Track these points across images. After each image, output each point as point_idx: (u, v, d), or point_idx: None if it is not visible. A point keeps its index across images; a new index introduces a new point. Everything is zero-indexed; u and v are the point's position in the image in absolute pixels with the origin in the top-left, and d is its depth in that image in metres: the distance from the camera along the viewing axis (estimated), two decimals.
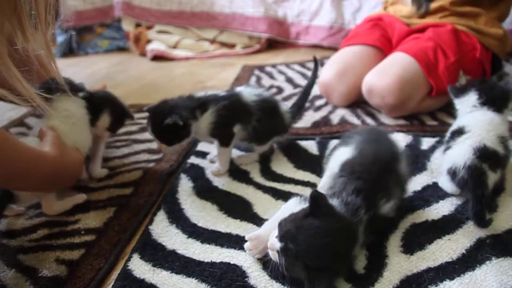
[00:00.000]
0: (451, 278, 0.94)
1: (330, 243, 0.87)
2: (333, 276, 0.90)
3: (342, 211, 0.95)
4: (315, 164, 1.42)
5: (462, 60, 1.76)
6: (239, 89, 1.47)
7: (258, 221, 1.17)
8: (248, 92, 1.45)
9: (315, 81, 1.68)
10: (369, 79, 1.77)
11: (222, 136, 1.41)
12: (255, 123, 1.41)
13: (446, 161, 1.23)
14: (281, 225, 0.92)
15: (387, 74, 1.72)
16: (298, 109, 1.65)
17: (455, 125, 1.31)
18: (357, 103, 1.95)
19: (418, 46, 1.78)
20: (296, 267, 0.88)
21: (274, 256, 0.92)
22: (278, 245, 0.89)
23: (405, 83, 1.69)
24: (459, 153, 1.19)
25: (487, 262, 0.98)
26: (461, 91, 1.37)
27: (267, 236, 0.97)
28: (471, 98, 1.33)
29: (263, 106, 1.43)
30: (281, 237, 0.90)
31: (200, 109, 1.38)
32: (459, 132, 1.25)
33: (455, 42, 1.78)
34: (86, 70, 3.09)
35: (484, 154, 1.16)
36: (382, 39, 1.99)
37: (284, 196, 1.26)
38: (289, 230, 0.89)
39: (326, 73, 1.97)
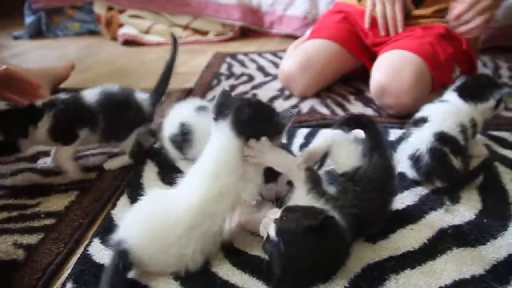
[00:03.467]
0: (412, 267, 0.95)
1: (316, 266, 0.89)
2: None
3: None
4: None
5: (454, 52, 1.77)
6: (84, 91, 1.36)
7: None
8: (90, 93, 1.34)
9: (173, 64, 1.57)
10: (380, 79, 1.70)
11: (64, 138, 1.31)
12: (104, 122, 1.32)
13: (408, 147, 1.27)
14: (285, 217, 0.90)
15: (402, 74, 1.66)
16: (158, 95, 1.51)
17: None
18: (327, 92, 1.95)
19: (416, 42, 1.75)
20: (276, 262, 0.88)
21: (262, 232, 0.92)
22: (272, 234, 0.89)
23: (419, 81, 1.66)
24: (420, 139, 1.24)
25: (448, 252, 0.99)
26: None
27: (318, 152, 1.03)
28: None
29: (109, 102, 1.34)
30: (278, 232, 0.88)
31: (33, 120, 1.26)
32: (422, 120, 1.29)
33: (446, 36, 1.78)
34: (55, 52, 3.03)
35: (443, 139, 1.20)
36: (348, 35, 1.98)
37: None
38: (288, 231, 0.88)
39: (288, 65, 1.97)
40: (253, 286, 0.91)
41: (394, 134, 1.54)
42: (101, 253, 1.01)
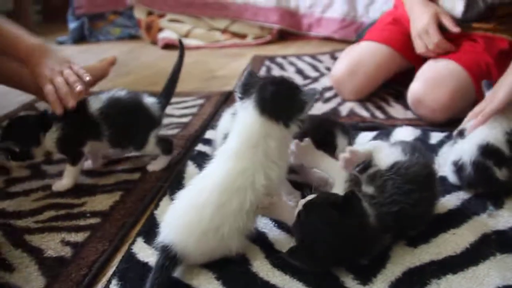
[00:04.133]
0: (454, 272, 0.94)
1: (333, 243, 0.90)
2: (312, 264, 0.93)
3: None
4: None
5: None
6: (91, 98, 1.35)
7: None
8: (96, 100, 1.34)
9: (180, 68, 1.57)
10: (417, 89, 1.66)
11: (70, 154, 1.33)
12: (109, 129, 1.32)
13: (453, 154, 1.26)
14: (313, 193, 0.96)
15: (439, 87, 1.60)
16: (166, 99, 1.49)
17: None
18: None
19: (472, 57, 1.65)
20: (296, 233, 0.96)
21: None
22: (300, 206, 0.94)
23: (458, 98, 1.60)
24: (465, 149, 1.21)
25: (491, 257, 0.98)
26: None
27: (361, 154, 1.04)
28: None
29: (115, 108, 1.33)
30: (303, 206, 0.93)
31: (44, 128, 1.29)
32: None
33: (509, 52, 1.67)
34: (97, 57, 3.08)
35: (487, 151, 1.18)
36: (400, 37, 1.86)
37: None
38: (311, 204, 0.93)
39: (338, 68, 1.94)
40: (293, 287, 0.91)
41: (435, 137, 1.52)
42: (144, 252, 1.04)
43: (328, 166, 1.07)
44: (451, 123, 1.55)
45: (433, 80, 1.63)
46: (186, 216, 0.95)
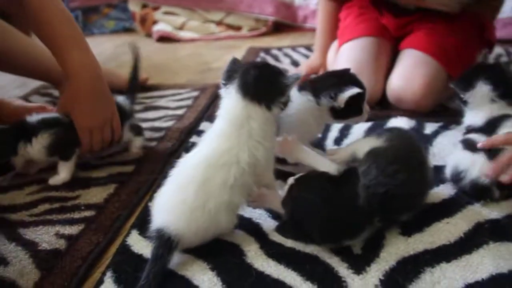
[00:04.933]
0: (448, 261, 0.94)
1: (322, 218, 0.92)
2: (303, 237, 0.95)
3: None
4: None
5: (478, 47, 1.75)
6: None
7: None
8: None
9: (138, 69, 1.65)
10: (394, 86, 1.69)
11: (63, 153, 1.33)
12: None
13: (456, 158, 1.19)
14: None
15: (413, 79, 1.64)
16: (133, 95, 1.58)
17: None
18: None
19: (436, 42, 1.69)
20: (286, 207, 0.97)
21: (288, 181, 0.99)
22: (290, 181, 0.98)
23: (435, 86, 1.64)
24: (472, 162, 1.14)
25: (485, 246, 0.98)
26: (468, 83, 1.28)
27: (346, 154, 1.09)
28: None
29: None
30: (295, 179, 0.97)
31: (24, 137, 1.28)
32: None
33: (477, 31, 1.74)
34: (92, 50, 3.08)
35: None
36: (380, 26, 1.86)
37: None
38: (305, 179, 0.97)
39: None
40: (288, 277, 0.91)
41: (429, 127, 1.52)
42: (139, 244, 1.04)
43: (314, 162, 1.07)
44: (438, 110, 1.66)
45: (407, 77, 1.67)
46: (172, 197, 0.97)
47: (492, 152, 1.11)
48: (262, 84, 1.01)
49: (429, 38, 1.72)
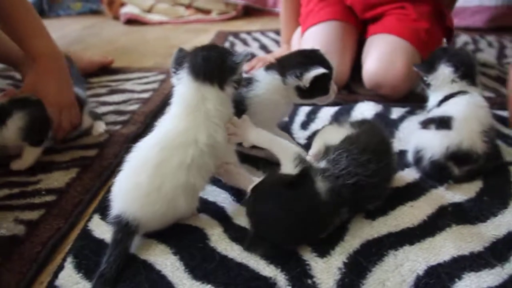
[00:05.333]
0: (411, 243, 0.95)
1: (285, 224, 0.90)
2: (270, 247, 0.92)
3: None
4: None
5: (443, 32, 1.76)
6: None
7: (222, 183, 1.16)
8: None
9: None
10: (373, 72, 1.66)
11: (34, 138, 1.29)
12: None
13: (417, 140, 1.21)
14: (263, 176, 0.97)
15: (394, 64, 1.62)
16: (83, 81, 1.64)
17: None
18: None
19: (409, 26, 1.69)
20: (249, 219, 0.95)
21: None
22: (248, 191, 0.95)
23: (411, 70, 1.58)
24: (432, 144, 1.16)
25: (447, 228, 0.99)
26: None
27: (318, 148, 1.06)
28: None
29: None
30: (251, 190, 0.95)
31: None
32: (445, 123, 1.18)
33: (439, 17, 1.77)
34: (57, 32, 3.00)
35: (454, 154, 1.13)
36: (345, 10, 1.86)
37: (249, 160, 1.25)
38: (260, 188, 0.94)
39: None
40: (251, 261, 0.91)
41: (396, 112, 1.53)
42: (101, 229, 1.02)
43: (272, 145, 1.05)
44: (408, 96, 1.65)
45: (385, 60, 1.65)
46: (128, 182, 0.95)
47: (443, 125, 1.16)
48: (211, 64, 1.01)
49: (403, 23, 1.72)
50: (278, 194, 0.92)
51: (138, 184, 0.93)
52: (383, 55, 1.67)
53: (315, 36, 1.82)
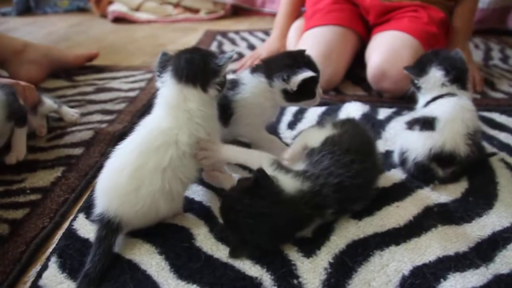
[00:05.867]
0: (397, 244, 0.95)
1: (260, 228, 0.90)
2: (250, 249, 0.93)
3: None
4: None
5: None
6: None
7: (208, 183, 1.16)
8: None
9: None
10: (379, 62, 1.66)
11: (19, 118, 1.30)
12: None
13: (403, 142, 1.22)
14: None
15: (401, 59, 1.60)
16: None
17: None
18: None
19: (420, 27, 1.70)
20: (226, 228, 0.98)
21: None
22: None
23: None
24: (416, 145, 1.17)
25: (433, 229, 1.00)
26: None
27: (299, 150, 1.07)
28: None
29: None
30: (220, 201, 0.97)
31: None
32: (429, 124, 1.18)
33: (446, 27, 1.79)
34: (43, 30, 2.99)
35: (437, 156, 1.13)
36: (353, 16, 1.87)
37: None
38: (226, 198, 0.96)
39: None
40: (237, 261, 0.91)
41: (383, 113, 1.54)
42: (86, 228, 1.01)
43: (245, 157, 1.06)
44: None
45: (392, 52, 1.65)
46: (110, 179, 0.96)
47: (427, 126, 1.16)
48: (194, 66, 1.01)
49: (414, 24, 1.73)
50: (238, 200, 0.92)
51: (118, 184, 0.93)
52: (391, 47, 1.67)
53: (317, 36, 1.82)
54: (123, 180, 0.93)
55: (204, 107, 1.00)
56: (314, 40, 1.80)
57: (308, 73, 1.11)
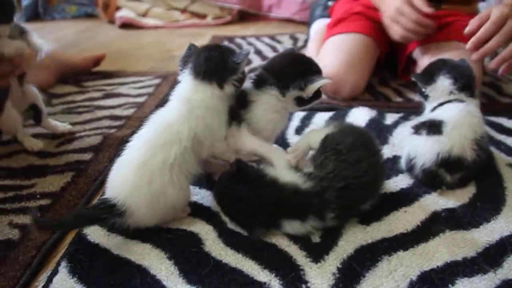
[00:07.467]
0: (405, 249, 0.95)
1: (248, 210, 0.97)
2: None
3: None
4: None
5: None
6: None
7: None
8: None
9: None
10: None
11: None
12: None
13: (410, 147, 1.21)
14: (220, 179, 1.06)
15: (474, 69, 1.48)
16: None
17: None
18: None
19: (464, 38, 1.51)
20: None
21: None
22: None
23: (480, 76, 1.60)
24: (423, 151, 1.16)
25: (441, 234, 1.00)
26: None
27: (304, 148, 1.10)
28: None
29: None
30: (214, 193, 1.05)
31: None
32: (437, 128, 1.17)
33: None
34: (52, 35, 3.01)
35: (445, 161, 1.13)
36: (376, 26, 1.81)
37: None
38: (217, 185, 1.05)
39: (334, 63, 1.73)
40: (246, 266, 0.91)
41: (390, 118, 1.54)
42: (96, 233, 1.01)
43: (266, 153, 1.10)
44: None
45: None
46: (121, 173, 0.99)
47: (434, 130, 1.15)
48: (211, 64, 1.03)
49: (454, 31, 1.66)
50: (225, 185, 1.01)
51: (128, 180, 0.96)
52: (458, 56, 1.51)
53: (342, 43, 1.80)
54: (132, 174, 0.96)
55: (210, 100, 1.04)
56: (339, 47, 1.78)
57: (324, 80, 1.09)
